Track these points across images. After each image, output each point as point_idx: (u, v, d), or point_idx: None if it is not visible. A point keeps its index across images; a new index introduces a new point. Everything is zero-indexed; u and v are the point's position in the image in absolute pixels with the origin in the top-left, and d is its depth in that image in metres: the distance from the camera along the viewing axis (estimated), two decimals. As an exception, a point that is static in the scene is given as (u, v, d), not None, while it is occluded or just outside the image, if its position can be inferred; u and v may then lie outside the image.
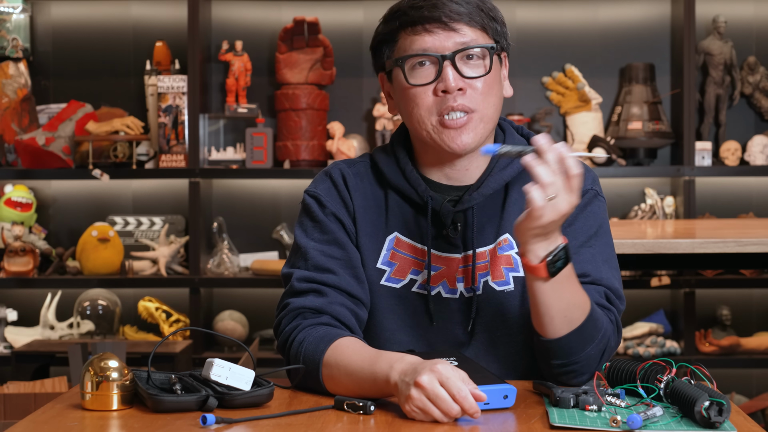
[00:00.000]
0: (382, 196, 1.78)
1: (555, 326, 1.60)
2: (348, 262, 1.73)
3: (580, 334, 1.60)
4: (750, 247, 2.64)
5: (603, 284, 1.70)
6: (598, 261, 1.71)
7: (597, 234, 1.74)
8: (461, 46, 1.68)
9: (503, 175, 1.74)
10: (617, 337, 1.69)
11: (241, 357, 3.87)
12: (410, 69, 1.70)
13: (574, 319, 1.60)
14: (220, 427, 1.42)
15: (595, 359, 1.63)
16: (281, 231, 4.38)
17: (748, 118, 4.44)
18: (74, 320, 4.18)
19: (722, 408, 1.38)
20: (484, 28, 1.70)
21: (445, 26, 1.68)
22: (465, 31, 1.68)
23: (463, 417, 1.44)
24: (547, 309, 1.59)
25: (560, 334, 1.60)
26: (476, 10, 1.69)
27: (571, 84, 4.33)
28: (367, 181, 1.79)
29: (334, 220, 1.76)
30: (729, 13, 4.36)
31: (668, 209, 4.26)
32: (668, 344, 4.16)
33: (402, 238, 1.75)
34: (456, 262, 1.73)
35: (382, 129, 4.30)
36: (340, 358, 1.59)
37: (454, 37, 1.68)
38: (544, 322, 1.61)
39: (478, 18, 1.69)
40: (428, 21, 1.68)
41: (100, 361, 1.51)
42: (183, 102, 4.21)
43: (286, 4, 4.42)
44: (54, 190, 4.49)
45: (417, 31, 1.69)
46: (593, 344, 1.62)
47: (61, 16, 4.48)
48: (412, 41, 1.69)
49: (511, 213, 1.74)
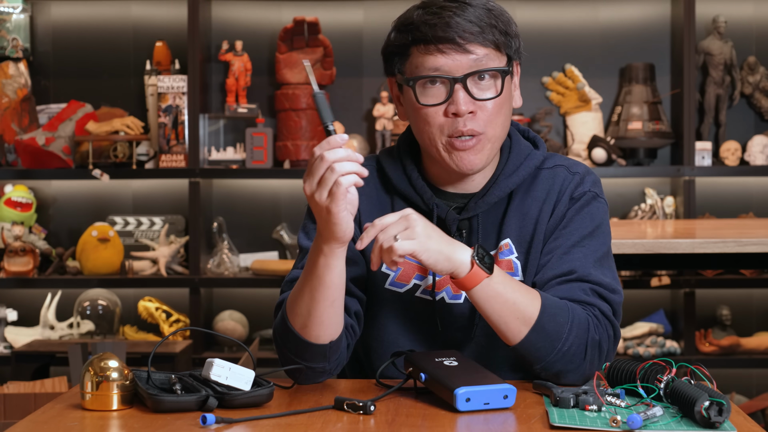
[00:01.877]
0: (387, 200, 1.79)
1: (512, 329, 1.61)
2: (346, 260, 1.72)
3: (540, 332, 1.60)
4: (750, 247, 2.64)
5: (591, 280, 1.69)
6: (588, 260, 1.71)
7: (592, 234, 1.73)
8: (473, 68, 1.67)
9: (508, 183, 1.75)
10: (610, 331, 1.67)
11: (241, 357, 3.87)
12: (421, 88, 1.70)
13: (527, 316, 1.60)
14: (220, 427, 1.42)
15: (577, 356, 1.62)
16: (281, 231, 4.38)
17: (748, 118, 4.44)
18: (74, 320, 4.18)
19: (722, 408, 1.38)
20: (497, 46, 1.69)
21: (458, 47, 1.67)
22: (478, 50, 1.68)
23: (462, 415, 1.44)
24: (498, 315, 1.60)
25: (521, 336, 1.61)
26: (489, 28, 1.68)
27: (571, 84, 4.33)
28: (373, 184, 1.79)
29: None
30: (729, 13, 4.36)
31: (668, 209, 4.26)
32: (668, 344, 4.16)
33: None
34: None
35: (382, 129, 4.30)
36: (291, 293, 1.65)
37: (467, 58, 1.67)
38: (502, 329, 1.61)
39: (491, 36, 1.68)
40: (441, 41, 1.67)
41: (100, 361, 1.51)
42: (183, 102, 4.21)
43: (286, 4, 4.42)
44: (54, 190, 4.49)
45: (429, 49, 1.68)
46: (561, 341, 1.61)
47: (61, 16, 4.48)
48: (425, 59, 1.68)
49: (512, 219, 1.75)
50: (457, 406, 1.47)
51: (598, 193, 1.77)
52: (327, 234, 1.56)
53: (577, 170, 1.78)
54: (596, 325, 1.65)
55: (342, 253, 1.59)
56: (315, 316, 1.60)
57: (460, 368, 1.54)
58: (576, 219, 1.73)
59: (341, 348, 1.66)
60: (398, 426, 1.42)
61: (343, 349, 1.67)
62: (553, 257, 1.71)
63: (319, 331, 1.61)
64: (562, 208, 1.74)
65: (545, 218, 1.74)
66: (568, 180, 1.76)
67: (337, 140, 1.51)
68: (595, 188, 1.77)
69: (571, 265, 1.69)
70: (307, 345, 1.62)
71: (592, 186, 1.77)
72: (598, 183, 1.79)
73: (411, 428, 1.41)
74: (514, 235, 1.74)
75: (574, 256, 1.70)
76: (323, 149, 1.51)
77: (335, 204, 1.51)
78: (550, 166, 1.78)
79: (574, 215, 1.73)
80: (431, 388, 1.54)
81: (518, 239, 1.74)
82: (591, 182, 1.77)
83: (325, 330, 1.62)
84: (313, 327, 1.61)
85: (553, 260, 1.71)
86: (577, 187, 1.76)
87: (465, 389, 1.47)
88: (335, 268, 1.59)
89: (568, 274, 1.68)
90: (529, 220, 1.75)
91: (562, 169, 1.78)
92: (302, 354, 1.63)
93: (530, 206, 1.75)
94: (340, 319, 1.63)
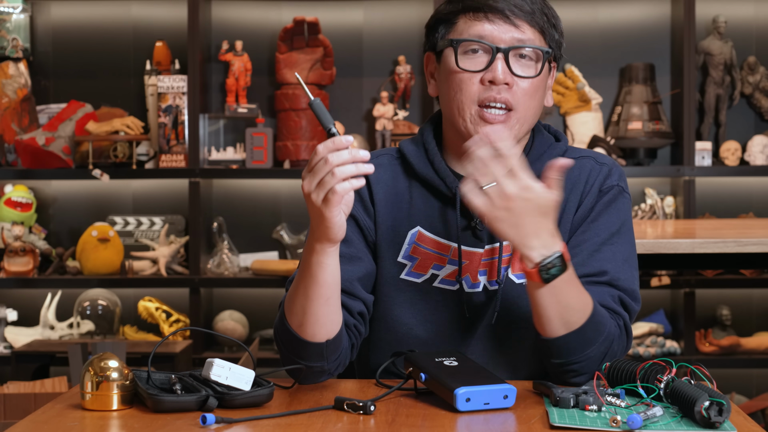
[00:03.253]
0: (406, 188, 1.78)
1: (552, 327, 1.60)
2: (349, 259, 1.73)
3: (579, 336, 1.60)
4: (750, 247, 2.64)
5: (620, 286, 1.69)
6: (618, 260, 1.71)
7: (620, 231, 1.74)
8: (517, 43, 1.69)
9: (532, 170, 1.75)
10: (625, 342, 1.68)
11: (241, 357, 3.87)
12: (462, 53, 1.70)
13: (572, 321, 1.59)
14: (220, 427, 1.42)
15: (596, 361, 1.63)
16: (281, 231, 4.38)
17: (748, 118, 4.44)
18: (74, 320, 4.18)
19: (722, 408, 1.38)
20: (543, 32, 1.71)
21: (506, 19, 1.68)
22: (525, 28, 1.69)
23: (462, 415, 1.44)
24: (543, 310, 1.59)
25: (558, 335, 1.60)
26: (540, 13, 1.70)
27: (571, 84, 4.33)
28: (391, 173, 1.79)
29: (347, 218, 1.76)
30: (729, 13, 4.36)
31: (668, 209, 4.26)
32: (668, 344, 4.16)
33: (424, 233, 1.75)
34: (478, 256, 1.74)
35: (382, 129, 4.30)
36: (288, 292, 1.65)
37: (513, 32, 1.69)
38: (542, 322, 1.61)
39: (540, 20, 1.70)
40: (491, 10, 1.68)
41: (100, 361, 1.51)
42: (183, 102, 4.21)
43: (286, 4, 4.42)
44: (54, 190, 4.49)
45: (478, 17, 1.69)
46: (594, 347, 1.61)
47: (61, 16, 4.48)
48: (471, 26, 1.70)
49: None
50: (457, 406, 1.47)
51: (624, 187, 1.78)
52: (319, 233, 1.56)
53: (604, 161, 1.79)
54: (619, 338, 1.66)
55: (335, 252, 1.59)
56: (310, 314, 1.60)
57: (460, 368, 1.54)
58: (604, 214, 1.74)
59: (341, 348, 1.66)
60: (398, 426, 1.42)
61: (344, 349, 1.67)
62: (583, 253, 1.71)
63: (314, 329, 1.61)
64: (591, 200, 1.75)
65: (572, 208, 1.74)
66: (596, 170, 1.77)
67: (343, 142, 1.50)
68: (621, 182, 1.78)
69: (602, 266, 1.69)
70: (303, 343, 1.62)
71: (619, 179, 1.78)
72: (624, 176, 1.80)
73: (411, 428, 1.41)
74: None
75: (604, 255, 1.70)
76: (328, 150, 1.50)
77: (329, 209, 1.51)
78: (576, 157, 1.78)
79: (602, 210, 1.74)
80: (431, 388, 1.54)
81: None
82: (618, 175, 1.78)
83: (321, 328, 1.62)
84: (309, 325, 1.61)
85: (584, 256, 1.71)
86: (606, 179, 1.76)
87: (465, 389, 1.47)
88: (328, 267, 1.59)
89: (600, 275, 1.69)
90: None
91: (589, 160, 1.78)
92: (300, 353, 1.63)
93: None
94: (336, 317, 1.63)
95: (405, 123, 4.33)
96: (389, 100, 4.34)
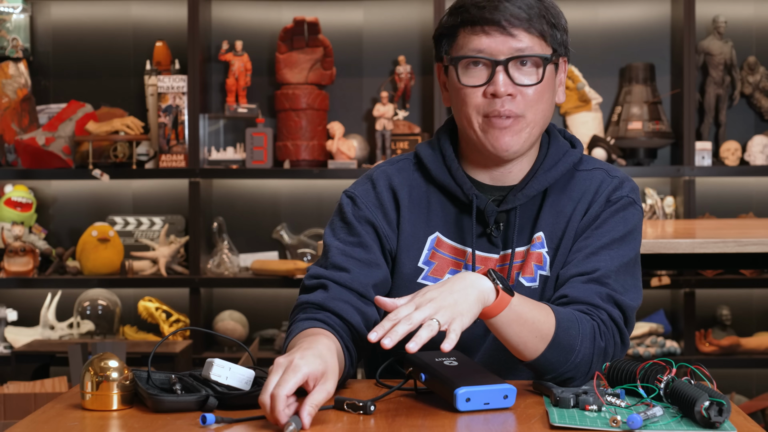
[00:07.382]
0: (424, 194, 1.80)
1: (530, 348, 1.59)
2: (368, 264, 1.73)
3: (557, 347, 1.60)
4: (750, 247, 2.63)
5: (608, 285, 1.68)
6: (613, 264, 1.70)
7: (623, 239, 1.73)
8: (516, 53, 1.69)
9: (547, 177, 1.76)
10: (616, 337, 1.67)
11: (241, 357, 3.87)
12: (463, 69, 1.72)
13: (544, 333, 1.59)
14: (220, 426, 1.42)
15: (587, 364, 1.63)
16: (281, 231, 4.38)
17: (748, 118, 4.44)
18: (74, 320, 4.18)
19: (722, 408, 1.38)
20: (542, 36, 1.71)
21: (503, 30, 1.69)
22: (522, 36, 1.69)
23: (462, 415, 1.44)
24: (516, 336, 1.57)
25: (539, 353, 1.60)
26: (537, 17, 1.70)
27: (571, 84, 4.33)
28: (411, 178, 1.81)
29: (366, 224, 1.77)
30: (729, 13, 4.36)
31: (668, 209, 4.26)
32: (668, 344, 4.16)
33: (442, 239, 1.77)
34: (493, 262, 1.75)
35: (382, 129, 4.30)
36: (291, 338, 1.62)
37: (511, 42, 1.69)
38: (519, 348, 1.59)
39: (538, 25, 1.70)
40: (487, 23, 1.69)
41: (100, 361, 1.51)
42: (183, 102, 4.21)
43: (286, 4, 4.42)
44: (54, 190, 4.49)
45: (475, 31, 1.70)
46: (575, 352, 1.61)
47: (61, 16, 4.48)
48: (469, 41, 1.71)
49: (546, 215, 1.76)
50: (457, 406, 1.47)
51: (635, 199, 1.78)
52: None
53: (616, 174, 1.79)
54: (603, 331, 1.65)
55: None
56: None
57: (460, 368, 1.54)
58: (610, 221, 1.74)
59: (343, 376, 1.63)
60: (398, 426, 1.42)
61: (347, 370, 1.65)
62: (580, 255, 1.71)
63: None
64: (596, 208, 1.75)
65: (578, 216, 1.75)
66: (607, 182, 1.77)
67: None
68: (633, 194, 1.78)
69: (594, 265, 1.69)
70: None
71: (630, 192, 1.77)
72: (637, 190, 1.79)
73: (411, 428, 1.41)
74: (547, 230, 1.75)
75: (600, 257, 1.70)
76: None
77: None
78: (589, 168, 1.79)
79: (608, 217, 1.74)
80: (431, 388, 1.54)
81: (550, 235, 1.75)
82: (629, 188, 1.78)
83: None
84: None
85: (580, 258, 1.71)
86: (615, 191, 1.76)
87: (465, 389, 1.47)
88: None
89: (590, 272, 1.68)
90: (563, 217, 1.75)
91: (600, 172, 1.79)
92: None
93: (565, 205, 1.76)
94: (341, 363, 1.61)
95: (405, 123, 4.33)
96: (389, 100, 4.33)
